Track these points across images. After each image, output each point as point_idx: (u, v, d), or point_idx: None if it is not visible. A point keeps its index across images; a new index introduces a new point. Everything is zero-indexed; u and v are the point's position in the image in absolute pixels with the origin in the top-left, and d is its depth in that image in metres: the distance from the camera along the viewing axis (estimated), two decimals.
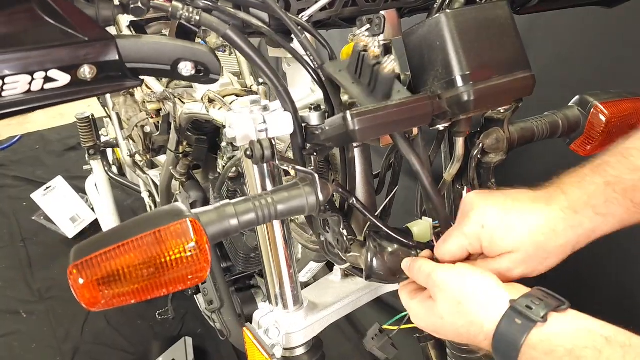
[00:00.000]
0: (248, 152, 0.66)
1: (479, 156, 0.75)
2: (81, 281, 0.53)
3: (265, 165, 0.72)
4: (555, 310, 0.52)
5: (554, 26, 1.33)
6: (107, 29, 0.59)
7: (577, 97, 0.84)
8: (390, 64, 0.60)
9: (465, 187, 0.82)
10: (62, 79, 0.56)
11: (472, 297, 0.57)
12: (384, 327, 0.81)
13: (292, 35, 0.68)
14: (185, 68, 0.62)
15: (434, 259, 0.66)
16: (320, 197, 0.65)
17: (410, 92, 0.69)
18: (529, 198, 0.61)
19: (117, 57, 0.58)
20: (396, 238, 0.67)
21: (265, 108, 0.71)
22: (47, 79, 0.55)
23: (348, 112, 0.58)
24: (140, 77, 0.62)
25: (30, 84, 0.54)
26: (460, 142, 0.73)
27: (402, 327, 0.71)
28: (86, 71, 0.57)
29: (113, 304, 0.56)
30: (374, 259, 0.67)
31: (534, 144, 0.81)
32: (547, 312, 0.52)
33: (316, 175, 0.65)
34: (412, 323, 0.64)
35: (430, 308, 0.60)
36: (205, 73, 0.64)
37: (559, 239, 0.59)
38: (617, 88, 0.85)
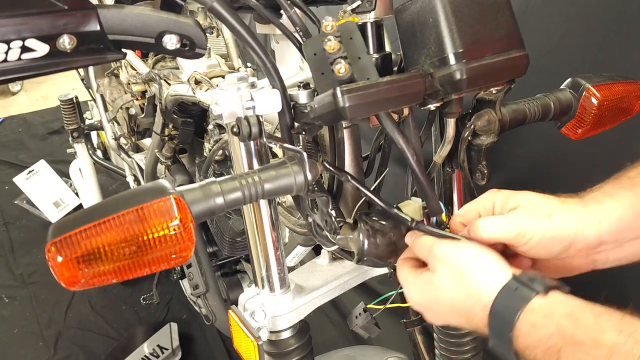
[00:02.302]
0: (235, 129, 0.64)
1: (469, 138, 0.74)
2: (60, 259, 0.51)
3: (252, 143, 0.70)
4: (556, 289, 0.52)
5: (549, 5, 1.32)
6: None
7: (569, 79, 0.82)
8: (342, 67, 0.57)
9: (455, 170, 0.81)
10: (41, 49, 0.54)
11: (472, 269, 0.56)
12: (369, 306, 0.79)
13: (281, 11, 0.66)
14: (170, 41, 0.60)
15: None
16: (309, 176, 0.63)
17: (400, 71, 0.67)
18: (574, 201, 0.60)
19: (98, 28, 0.56)
20: (392, 213, 0.65)
21: (252, 85, 0.69)
22: (25, 49, 0.53)
23: (338, 89, 0.57)
24: (123, 50, 0.60)
25: (6, 53, 0.52)
26: (451, 123, 0.72)
27: (389, 305, 0.70)
28: (66, 41, 0.54)
29: (94, 283, 0.54)
30: (367, 242, 0.66)
31: (525, 126, 0.80)
32: (549, 287, 0.51)
33: (304, 154, 0.63)
34: (398, 303, 0.63)
35: (428, 280, 0.59)
36: (190, 47, 0.62)
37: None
38: (610, 71, 0.84)
